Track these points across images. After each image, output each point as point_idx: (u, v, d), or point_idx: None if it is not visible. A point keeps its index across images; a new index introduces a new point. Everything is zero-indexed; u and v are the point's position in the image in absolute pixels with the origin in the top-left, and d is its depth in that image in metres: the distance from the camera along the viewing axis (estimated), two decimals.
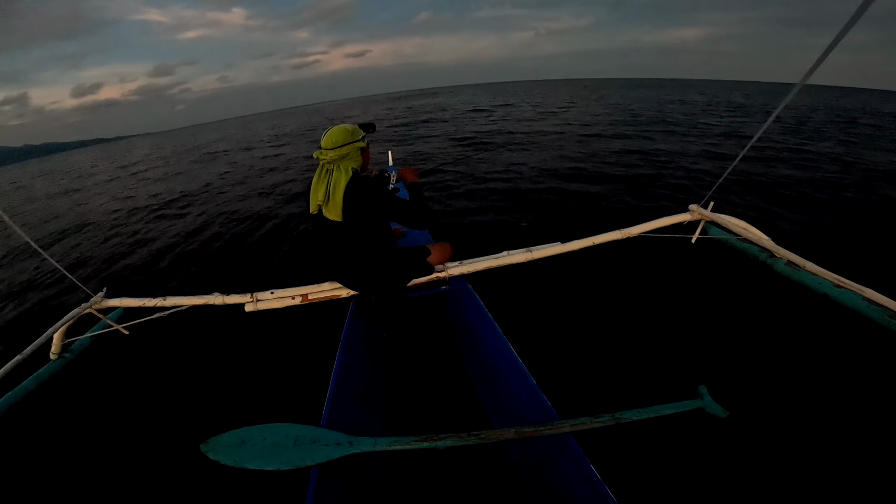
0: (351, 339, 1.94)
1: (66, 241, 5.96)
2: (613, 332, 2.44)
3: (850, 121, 13.23)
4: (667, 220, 2.17)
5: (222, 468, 1.28)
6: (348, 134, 1.72)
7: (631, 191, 5.28)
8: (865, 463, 1.64)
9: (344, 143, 1.71)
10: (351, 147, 1.72)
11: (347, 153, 1.71)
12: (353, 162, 1.74)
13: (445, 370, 2.14)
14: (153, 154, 22.61)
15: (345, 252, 1.83)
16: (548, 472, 1.40)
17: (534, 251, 2.09)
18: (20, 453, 2.01)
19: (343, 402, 1.61)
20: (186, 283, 3.80)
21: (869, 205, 4.58)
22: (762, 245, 1.86)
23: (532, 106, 20.27)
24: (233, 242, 4.71)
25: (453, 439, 1.33)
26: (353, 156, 1.74)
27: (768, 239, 1.88)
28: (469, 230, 4.28)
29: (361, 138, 1.77)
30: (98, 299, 2.12)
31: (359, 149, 1.76)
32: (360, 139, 1.76)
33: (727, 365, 2.14)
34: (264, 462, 1.29)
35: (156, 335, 2.48)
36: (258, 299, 2.03)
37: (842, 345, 2.20)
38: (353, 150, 1.73)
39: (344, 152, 1.70)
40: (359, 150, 1.76)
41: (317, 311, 2.27)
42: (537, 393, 1.50)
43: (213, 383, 2.32)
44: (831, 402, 1.92)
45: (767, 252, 1.81)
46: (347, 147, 1.71)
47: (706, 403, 1.46)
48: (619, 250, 2.40)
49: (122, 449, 1.97)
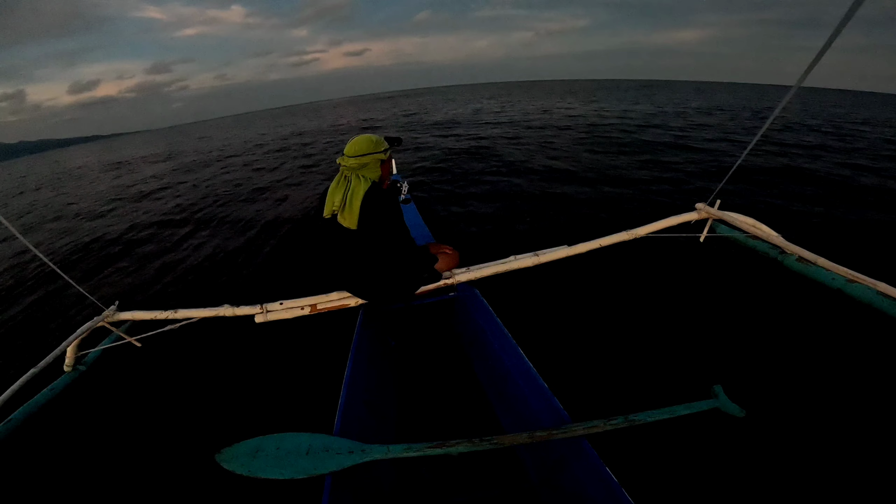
0: (360, 347, 1.94)
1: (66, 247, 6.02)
2: (624, 333, 2.43)
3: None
4: (674, 220, 2.15)
5: (237, 478, 1.28)
6: (372, 144, 1.74)
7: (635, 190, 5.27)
8: (885, 459, 1.62)
9: (366, 152, 1.72)
10: (371, 158, 1.73)
11: (367, 163, 1.73)
12: (371, 172, 1.75)
13: (455, 376, 2.13)
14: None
15: (356, 261, 1.84)
16: (562, 476, 1.38)
17: (541, 255, 2.09)
18: (36, 464, 2.03)
19: (354, 410, 1.61)
20: (194, 295, 3.84)
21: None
22: (772, 242, 1.84)
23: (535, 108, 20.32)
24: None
25: (465, 445, 1.33)
26: (373, 166, 1.75)
27: (778, 235, 1.86)
28: (469, 236, 4.29)
29: (384, 150, 1.77)
30: (110, 312, 2.14)
31: (379, 160, 1.76)
32: (382, 151, 1.76)
33: (742, 363, 2.12)
34: (278, 471, 1.29)
35: (168, 347, 2.50)
36: (268, 310, 2.04)
37: (857, 340, 2.17)
38: (374, 160, 1.74)
39: (364, 161, 1.72)
40: (378, 162, 1.77)
41: (326, 321, 2.28)
42: (549, 397, 1.49)
43: (226, 394, 2.34)
44: (849, 398, 1.89)
45: (778, 248, 1.80)
46: (368, 157, 1.72)
47: (722, 403, 1.44)
48: (627, 252, 2.39)
49: (136, 459, 1.99)
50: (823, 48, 1.20)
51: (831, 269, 1.56)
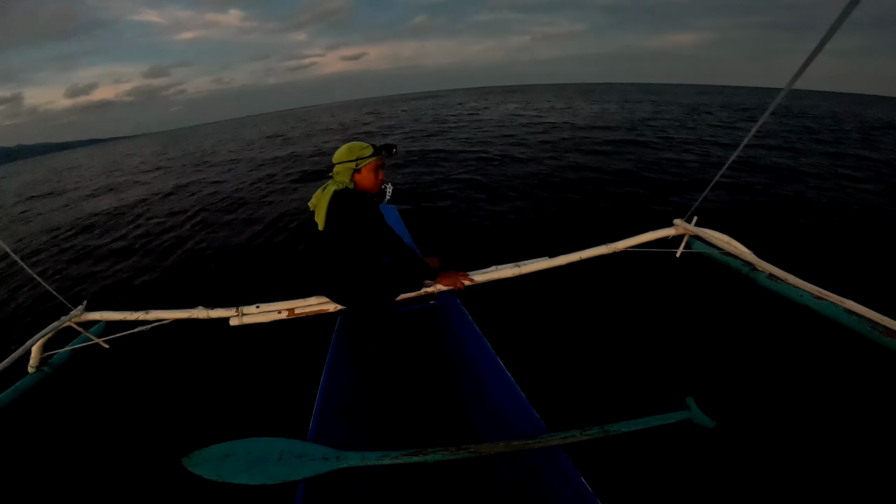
0: (338, 353, 1.92)
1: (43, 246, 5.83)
2: (601, 345, 2.46)
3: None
4: (652, 235, 2.21)
5: (205, 483, 1.24)
6: (345, 153, 1.77)
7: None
8: (850, 469, 1.67)
9: (338, 161, 1.77)
10: (343, 167, 1.76)
11: (340, 171, 1.77)
12: (344, 179, 1.77)
13: (434, 385, 2.12)
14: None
15: (329, 264, 1.84)
16: (537, 485, 1.39)
17: (522, 266, 2.11)
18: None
19: (330, 416, 1.59)
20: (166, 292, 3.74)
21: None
22: (744, 258, 1.90)
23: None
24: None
25: (442, 453, 1.32)
26: (344, 174, 1.76)
27: (750, 252, 1.92)
28: (454, 245, 4.29)
29: (356, 159, 1.75)
30: (78, 312, 2.07)
31: (350, 169, 1.76)
32: (354, 160, 1.75)
33: (713, 376, 2.17)
34: (248, 477, 1.26)
35: (138, 349, 2.44)
36: (243, 313, 2.00)
37: (824, 355, 2.25)
38: (344, 169, 1.76)
39: (338, 170, 1.77)
40: (350, 171, 1.76)
41: (303, 326, 2.25)
42: (526, 406, 1.50)
43: (197, 398, 2.28)
44: (816, 410, 1.96)
45: (749, 265, 1.85)
46: (340, 166, 1.76)
47: (693, 414, 1.48)
48: (606, 265, 2.43)
49: (101, 463, 1.93)
50: (812, 54, 1.20)
51: (800, 286, 1.61)
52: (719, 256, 2.01)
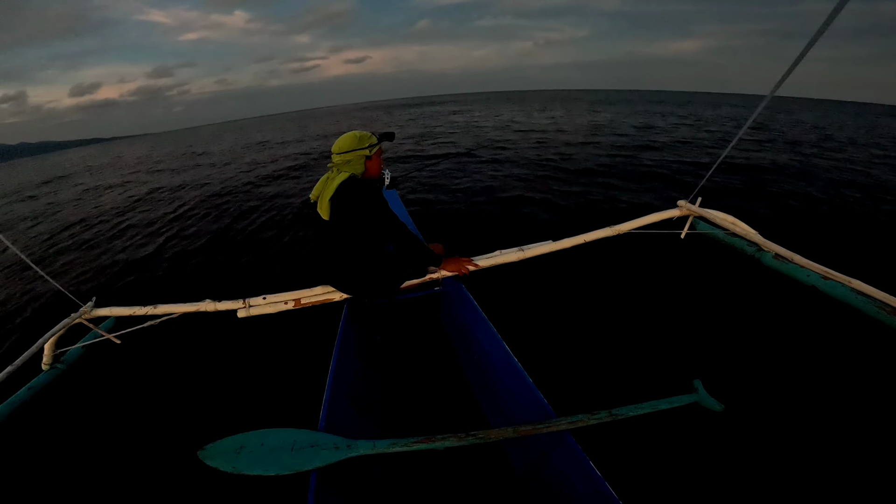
0: (345, 342, 1.93)
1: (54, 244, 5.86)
2: (607, 328, 2.46)
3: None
4: (656, 217, 2.18)
5: (221, 475, 1.27)
6: (355, 141, 1.75)
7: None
8: (859, 453, 1.67)
9: (349, 149, 1.75)
10: (354, 154, 1.75)
11: (350, 160, 1.75)
12: (354, 168, 1.76)
13: (441, 371, 2.14)
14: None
15: (335, 254, 1.84)
16: (546, 470, 1.40)
17: (526, 250, 2.10)
18: (14, 464, 1.98)
19: (340, 405, 1.61)
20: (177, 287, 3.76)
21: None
22: (750, 239, 1.89)
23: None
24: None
25: (452, 440, 1.33)
26: (356, 163, 1.76)
27: (756, 233, 1.91)
28: (457, 230, 4.29)
29: (368, 146, 1.76)
30: (87, 309, 2.08)
31: (362, 157, 1.77)
32: (366, 147, 1.76)
33: (721, 358, 2.17)
34: (263, 468, 1.28)
35: (148, 344, 2.46)
36: (250, 305, 2.01)
37: (832, 335, 2.24)
38: (357, 157, 1.75)
39: (347, 158, 1.75)
40: (362, 159, 1.77)
41: (310, 315, 2.27)
42: (534, 391, 1.51)
43: (208, 390, 2.30)
44: (824, 392, 1.96)
45: (755, 246, 1.84)
46: (351, 154, 1.75)
47: (701, 397, 1.48)
48: (610, 247, 2.42)
49: (118, 457, 1.95)
50: (797, 59, 1.21)
51: (807, 266, 1.60)
52: (724, 237, 1.99)
